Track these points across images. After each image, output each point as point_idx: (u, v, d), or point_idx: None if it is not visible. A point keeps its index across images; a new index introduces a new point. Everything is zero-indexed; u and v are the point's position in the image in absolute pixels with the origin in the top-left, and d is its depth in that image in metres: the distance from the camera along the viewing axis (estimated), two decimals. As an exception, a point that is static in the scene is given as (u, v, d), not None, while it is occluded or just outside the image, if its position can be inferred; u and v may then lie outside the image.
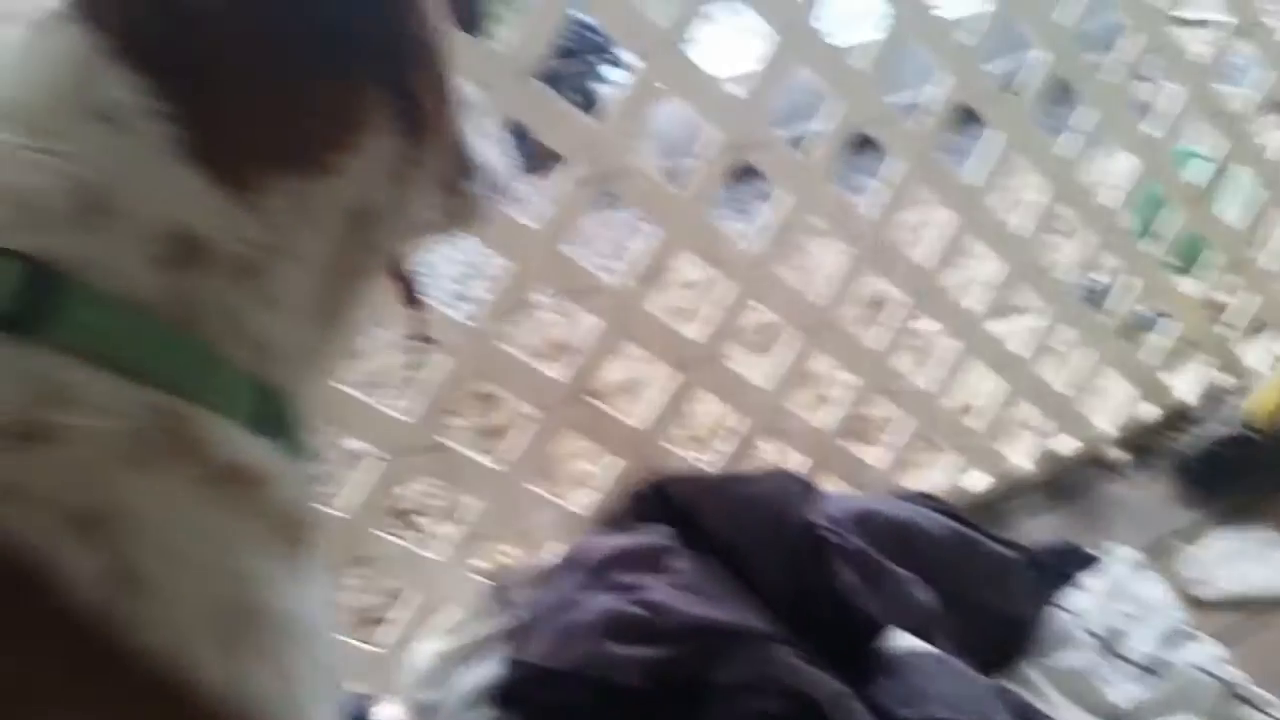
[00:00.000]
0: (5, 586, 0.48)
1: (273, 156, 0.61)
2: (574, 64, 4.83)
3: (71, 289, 0.53)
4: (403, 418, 1.51)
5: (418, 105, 0.70)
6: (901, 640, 1.47)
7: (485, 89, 1.25)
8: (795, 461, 1.89)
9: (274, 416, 0.63)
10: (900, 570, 1.60)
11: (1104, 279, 2.29)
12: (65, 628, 0.49)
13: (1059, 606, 1.71)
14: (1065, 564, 1.82)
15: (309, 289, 0.65)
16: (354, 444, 1.51)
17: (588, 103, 3.89)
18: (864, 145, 1.71)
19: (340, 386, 1.43)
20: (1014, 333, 2.09)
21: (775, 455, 1.91)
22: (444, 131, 0.75)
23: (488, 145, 0.84)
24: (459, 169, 0.79)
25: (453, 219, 0.84)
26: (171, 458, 0.54)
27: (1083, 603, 1.72)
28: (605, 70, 5.03)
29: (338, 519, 1.51)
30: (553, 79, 1.41)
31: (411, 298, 1.34)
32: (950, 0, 1.73)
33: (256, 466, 0.59)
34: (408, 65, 0.70)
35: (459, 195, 0.81)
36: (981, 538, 1.76)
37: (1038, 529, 1.98)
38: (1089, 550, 1.85)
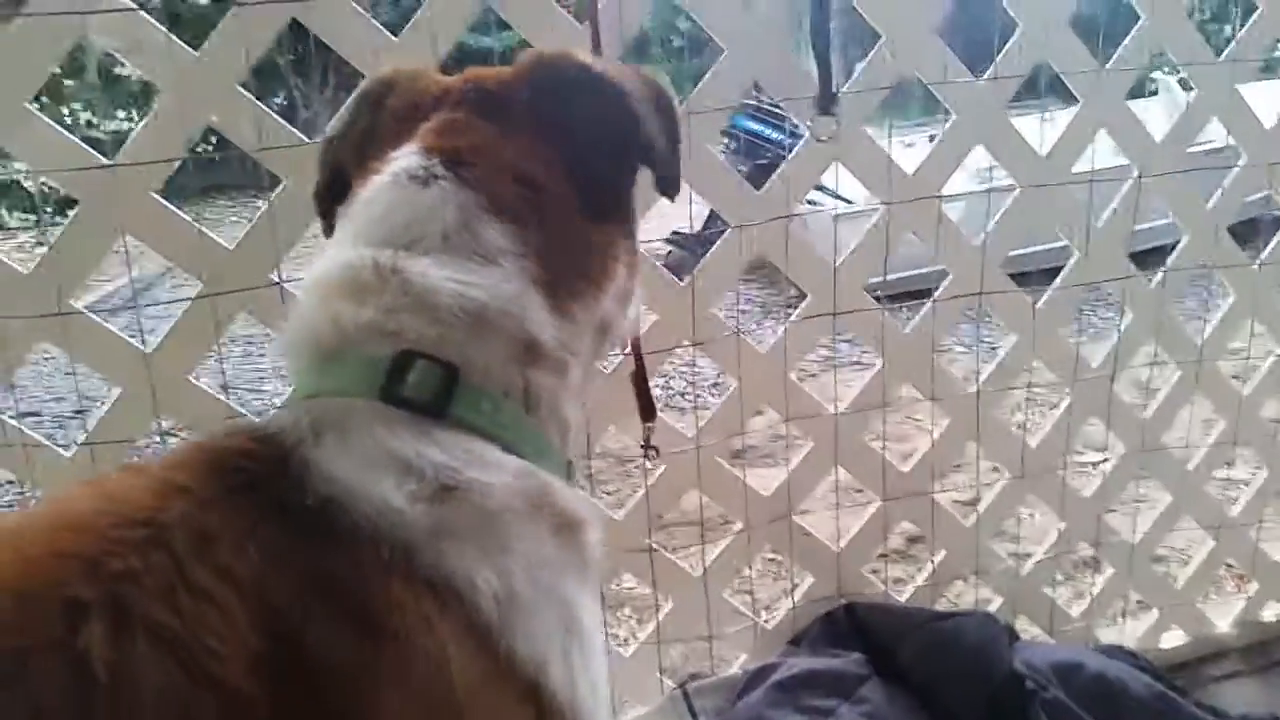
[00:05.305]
0: (443, 602, 0.65)
1: (580, 282, 0.83)
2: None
3: (465, 384, 0.74)
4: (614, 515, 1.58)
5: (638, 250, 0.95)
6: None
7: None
8: (985, 598, 1.87)
9: (573, 479, 0.83)
10: (1101, 728, 1.57)
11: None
12: (475, 635, 0.66)
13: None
14: (1271, 738, 1.74)
15: (580, 380, 0.86)
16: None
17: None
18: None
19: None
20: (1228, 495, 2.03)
21: (966, 588, 1.90)
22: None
23: None
24: None
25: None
26: (536, 509, 0.73)
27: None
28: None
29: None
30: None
31: (649, 410, 1.43)
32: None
33: (582, 513, 0.77)
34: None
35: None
36: (1185, 703, 1.70)
37: (1236, 697, 1.89)
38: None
